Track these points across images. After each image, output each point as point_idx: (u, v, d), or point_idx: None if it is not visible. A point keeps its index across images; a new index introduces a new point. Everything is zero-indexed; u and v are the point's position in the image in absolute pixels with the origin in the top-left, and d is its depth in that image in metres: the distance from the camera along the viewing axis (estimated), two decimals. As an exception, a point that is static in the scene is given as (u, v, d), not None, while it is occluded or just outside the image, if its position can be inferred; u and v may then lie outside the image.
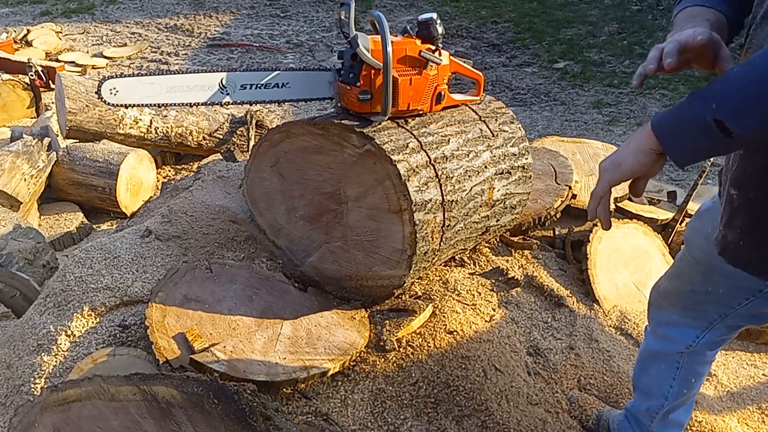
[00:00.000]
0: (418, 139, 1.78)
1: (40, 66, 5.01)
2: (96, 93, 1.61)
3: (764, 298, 1.40)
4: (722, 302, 1.48)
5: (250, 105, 2.46)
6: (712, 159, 2.44)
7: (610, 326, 2.18)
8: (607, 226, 1.23)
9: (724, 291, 1.46)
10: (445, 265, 2.09)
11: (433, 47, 1.79)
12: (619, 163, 1.15)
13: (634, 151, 1.12)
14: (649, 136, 1.10)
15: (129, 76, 1.62)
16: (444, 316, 1.86)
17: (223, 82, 1.69)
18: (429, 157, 1.76)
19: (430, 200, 1.72)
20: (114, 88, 1.60)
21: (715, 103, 1.00)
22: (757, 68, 0.98)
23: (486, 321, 1.91)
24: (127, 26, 7.56)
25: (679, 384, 1.64)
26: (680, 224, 2.56)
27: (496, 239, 2.25)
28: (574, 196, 2.48)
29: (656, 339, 1.66)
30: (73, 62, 6.23)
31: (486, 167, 1.92)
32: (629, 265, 2.36)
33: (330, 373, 1.62)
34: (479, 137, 1.94)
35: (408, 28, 1.81)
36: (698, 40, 1.10)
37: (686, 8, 1.27)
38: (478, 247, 2.18)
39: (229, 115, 4.12)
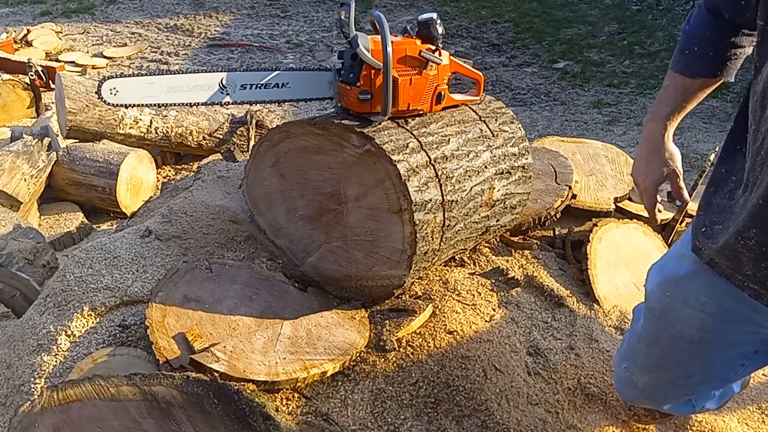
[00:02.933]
0: (418, 139, 1.78)
1: (40, 66, 5.00)
2: (96, 93, 1.60)
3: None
4: (720, 377, 1.39)
5: (250, 105, 2.46)
6: (712, 159, 2.43)
7: (610, 326, 2.18)
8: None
9: (720, 364, 1.35)
10: (445, 265, 2.09)
11: (433, 47, 1.79)
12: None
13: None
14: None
15: (129, 76, 1.61)
16: (444, 316, 1.85)
17: (223, 82, 1.69)
18: (429, 157, 1.76)
19: (430, 200, 1.72)
20: (114, 88, 1.60)
21: None
22: None
23: (486, 321, 1.91)
24: (127, 26, 7.56)
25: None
26: (680, 224, 2.55)
27: (496, 239, 2.25)
28: (574, 196, 2.48)
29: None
30: (73, 62, 6.23)
31: (486, 167, 1.92)
32: (629, 265, 2.36)
33: (330, 373, 1.62)
34: (479, 137, 1.94)
35: (408, 28, 1.81)
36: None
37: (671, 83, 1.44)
38: (478, 247, 2.18)
39: (229, 115, 4.12)
